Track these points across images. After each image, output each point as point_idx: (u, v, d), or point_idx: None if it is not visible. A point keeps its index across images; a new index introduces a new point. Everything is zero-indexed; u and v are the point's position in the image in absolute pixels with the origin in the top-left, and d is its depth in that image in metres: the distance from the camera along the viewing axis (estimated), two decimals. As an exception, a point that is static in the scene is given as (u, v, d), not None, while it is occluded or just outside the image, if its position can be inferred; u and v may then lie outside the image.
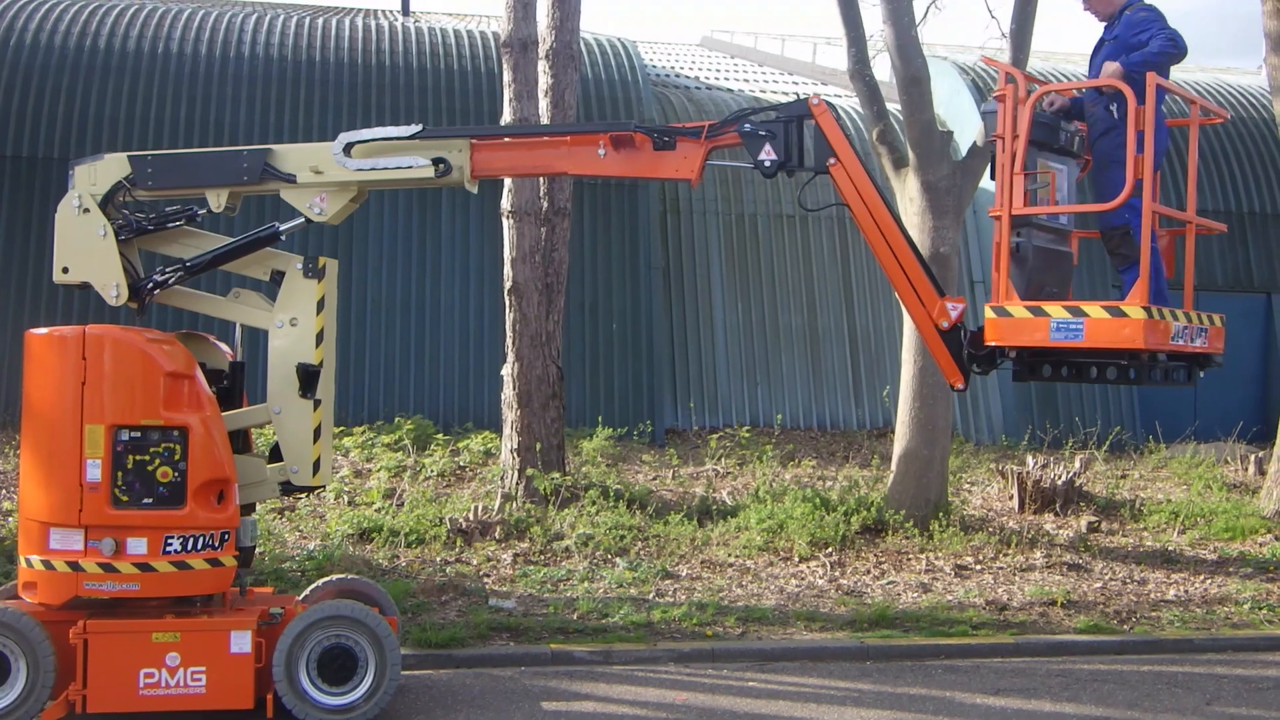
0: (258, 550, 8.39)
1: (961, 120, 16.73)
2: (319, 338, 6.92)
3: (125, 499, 6.40)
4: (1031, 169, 6.72)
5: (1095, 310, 6.40)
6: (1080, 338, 6.39)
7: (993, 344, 6.62)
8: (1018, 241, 6.78)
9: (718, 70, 23.14)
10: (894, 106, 12.73)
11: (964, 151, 12.85)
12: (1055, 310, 6.48)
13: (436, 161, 6.79)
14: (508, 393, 11.95)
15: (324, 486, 7.45)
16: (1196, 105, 7.09)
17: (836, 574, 10.51)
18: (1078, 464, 13.29)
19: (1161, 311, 6.48)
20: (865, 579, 10.45)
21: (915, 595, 10.04)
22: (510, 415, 11.91)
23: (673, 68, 22.48)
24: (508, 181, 11.76)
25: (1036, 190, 6.77)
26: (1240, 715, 7.60)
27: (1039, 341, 6.51)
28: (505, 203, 11.92)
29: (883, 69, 14.83)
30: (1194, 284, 7.20)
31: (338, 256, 9.18)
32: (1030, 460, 13.32)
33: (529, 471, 11.68)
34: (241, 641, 6.52)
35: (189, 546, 6.45)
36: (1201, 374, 7.11)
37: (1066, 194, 7.11)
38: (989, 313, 6.62)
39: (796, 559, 10.78)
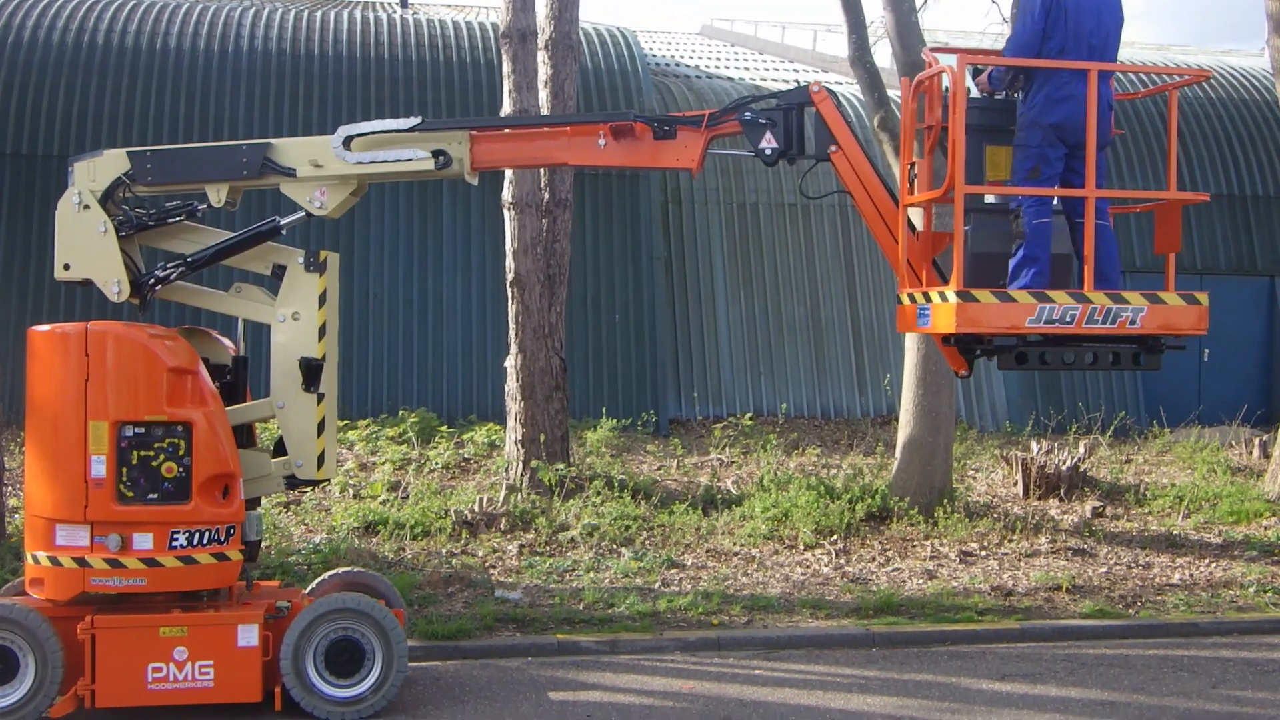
0: (263, 544, 8.41)
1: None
2: (321, 331, 6.92)
3: (130, 495, 6.42)
4: (977, 157, 6.61)
5: (935, 296, 6.38)
6: (928, 323, 6.41)
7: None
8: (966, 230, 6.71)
9: (718, 59, 23.08)
10: (895, 93, 12.69)
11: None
12: (919, 297, 6.52)
13: (436, 154, 6.78)
14: (511, 385, 11.95)
15: (329, 480, 7.46)
16: (1092, 72, 6.47)
17: (842, 561, 10.52)
18: (1082, 449, 13.27)
19: (1010, 295, 6.28)
20: (870, 566, 10.46)
21: (920, 582, 10.05)
22: (514, 407, 11.92)
23: (672, 57, 22.43)
24: (508, 173, 11.75)
25: (913, 179, 6.74)
26: (1246, 698, 7.60)
27: (912, 328, 6.60)
28: (506, 194, 11.91)
29: (883, 55, 14.80)
30: (1155, 265, 6.97)
31: (339, 250, 9.20)
32: (1034, 446, 13.33)
33: (533, 463, 11.70)
34: (249, 635, 6.54)
35: (195, 541, 6.47)
36: (1200, 354, 6.91)
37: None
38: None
39: (801, 547, 10.79)
